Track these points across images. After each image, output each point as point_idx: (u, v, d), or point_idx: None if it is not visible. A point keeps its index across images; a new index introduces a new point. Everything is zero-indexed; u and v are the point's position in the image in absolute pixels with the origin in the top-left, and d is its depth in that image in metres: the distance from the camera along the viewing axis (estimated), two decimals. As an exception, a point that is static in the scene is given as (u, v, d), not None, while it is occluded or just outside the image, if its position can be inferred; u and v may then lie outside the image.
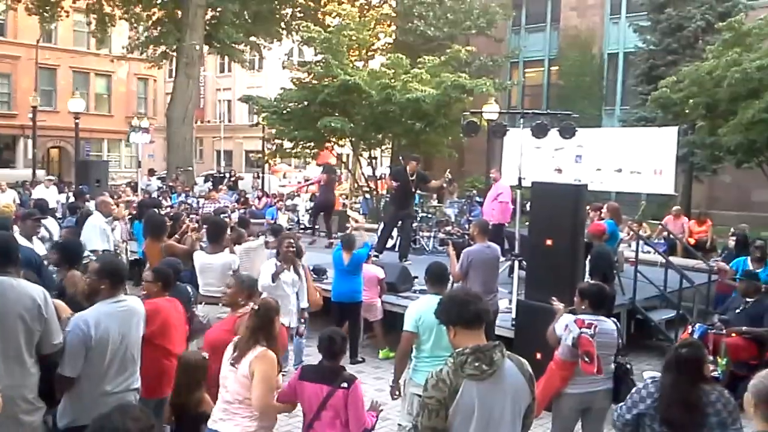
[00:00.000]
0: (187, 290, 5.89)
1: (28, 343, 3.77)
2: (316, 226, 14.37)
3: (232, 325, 4.84)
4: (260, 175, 27.90)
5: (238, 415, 4.10)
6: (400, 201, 11.92)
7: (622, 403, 3.93)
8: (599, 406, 5.09)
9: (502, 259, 10.99)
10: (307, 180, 21.33)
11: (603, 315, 5.19)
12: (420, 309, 4.99)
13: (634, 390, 3.88)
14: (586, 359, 4.87)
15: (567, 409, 5.10)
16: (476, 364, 3.01)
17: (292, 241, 7.34)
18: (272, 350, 4.16)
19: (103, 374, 4.05)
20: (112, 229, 9.31)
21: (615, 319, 5.35)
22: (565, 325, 5.08)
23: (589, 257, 7.69)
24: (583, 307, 5.18)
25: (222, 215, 11.42)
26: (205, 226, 8.13)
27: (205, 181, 26.17)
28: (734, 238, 9.79)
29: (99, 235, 8.68)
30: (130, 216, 11.16)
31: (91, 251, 8.07)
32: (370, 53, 24.95)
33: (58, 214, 12.53)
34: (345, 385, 4.14)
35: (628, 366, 5.22)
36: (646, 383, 3.82)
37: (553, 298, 5.74)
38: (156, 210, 10.58)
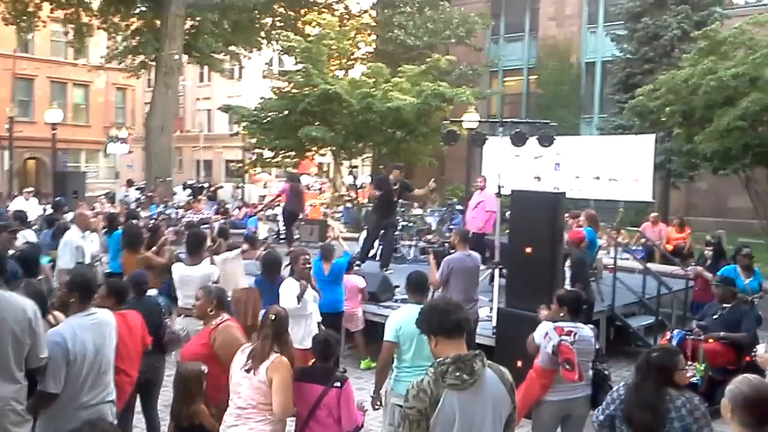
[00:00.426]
0: (157, 302, 5.84)
1: (18, 355, 3.78)
2: (296, 236, 14.33)
3: (208, 338, 4.78)
4: (240, 185, 27.77)
5: (251, 419, 4.21)
6: (383, 210, 11.90)
7: (600, 406, 4.02)
8: (578, 414, 5.11)
9: (482, 267, 11.08)
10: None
11: (580, 321, 5.21)
12: (401, 319, 4.98)
13: (609, 392, 3.99)
14: (567, 366, 4.88)
15: (547, 417, 5.11)
16: (457, 373, 3.01)
17: (308, 257, 6.86)
18: (286, 356, 4.34)
19: (80, 387, 4.04)
20: (91, 241, 9.11)
21: (592, 326, 5.38)
22: (544, 333, 5.09)
23: (569, 264, 7.73)
24: (561, 314, 5.20)
25: (204, 226, 11.33)
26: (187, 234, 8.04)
27: (184, 188, 25.96)
28: (710, 247, 9.79)
29: (70, 252, 8.35)
30: (104, 228, 10.92)
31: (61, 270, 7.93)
32: (350, 62, 25.01)
33: (36, 227, 12.29)
34: (338, 384, 4.37)
35: (606, 372, 5.26)
36: (618, 386, 3.91)
37: (542, 306, 5.72)
38: (134, 221, 10.45)
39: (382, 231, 12.02)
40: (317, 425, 4.33)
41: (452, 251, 7.88)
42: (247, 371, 4.24)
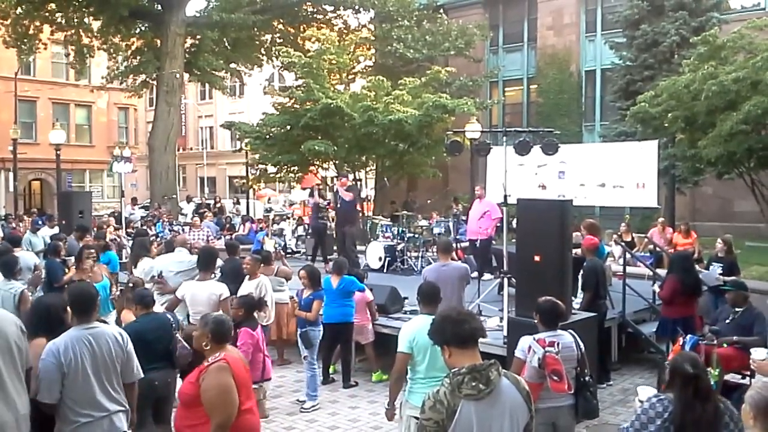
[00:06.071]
0: (168, 317, 5.87)
1: (22, 368, 3.85)
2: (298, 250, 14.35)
3: (197, 377, 4.17)
4: (239, 200, 27.87)
5: None
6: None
7: (627, 425, 3.72)
8: (564, 423, 5.03)
9: (490, 276, 11.05)
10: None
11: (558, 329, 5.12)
12: (414, 329, 4.94)
13: (640, 411, 3.66)
14: (555, 378, 4.80)
15: (537, 425, 5.00)
16: (473, 383, 2.98)
17: None
18: None
19: (89, 398, 4.12)
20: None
21: (572, 331, 5.26)
22: (527, 347, 4.98)
23: (582, 272, 7.69)
24: (536, 321, 5.15)
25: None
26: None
27: (188, 201, 26.05)
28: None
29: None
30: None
31: None
32: (350, 76, 25.10)
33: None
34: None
35: (587, 379, 5.11)
36: (652, 402, 3.62)
37: None
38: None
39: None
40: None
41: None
42: None
